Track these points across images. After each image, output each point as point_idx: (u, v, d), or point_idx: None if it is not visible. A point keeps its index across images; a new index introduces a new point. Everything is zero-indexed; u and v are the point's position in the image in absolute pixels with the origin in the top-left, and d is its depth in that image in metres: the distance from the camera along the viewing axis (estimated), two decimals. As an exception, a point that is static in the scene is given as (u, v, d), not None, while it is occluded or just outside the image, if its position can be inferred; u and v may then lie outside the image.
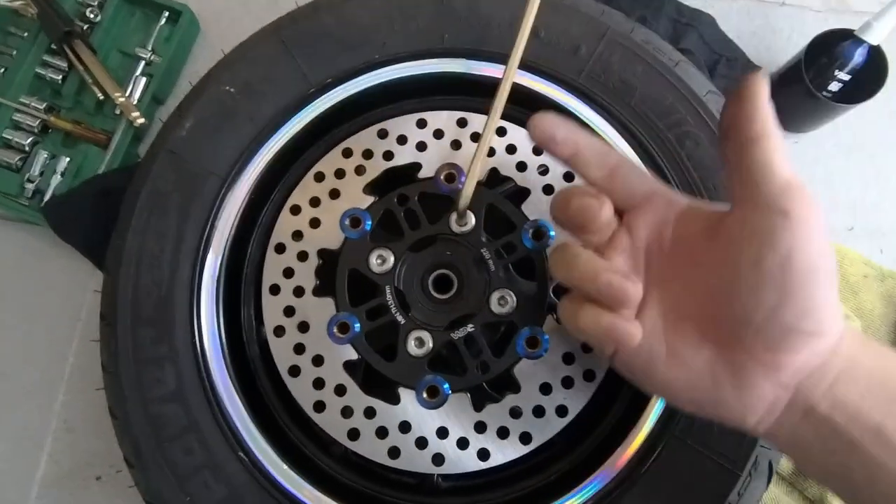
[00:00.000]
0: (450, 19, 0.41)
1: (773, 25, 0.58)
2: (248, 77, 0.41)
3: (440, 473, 0.37)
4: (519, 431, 0.36)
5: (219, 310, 0.39)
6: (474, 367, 0.37)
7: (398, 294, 0.38)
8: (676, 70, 0.40)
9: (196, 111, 0.40)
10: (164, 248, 0.38)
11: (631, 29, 0.40)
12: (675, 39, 0.55)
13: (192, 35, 0.57)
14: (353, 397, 0.37)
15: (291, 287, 0.38)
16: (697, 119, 0.39)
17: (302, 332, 0.38)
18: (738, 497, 0.35)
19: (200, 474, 0.36)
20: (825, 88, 0.50)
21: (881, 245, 0.54)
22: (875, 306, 0.52)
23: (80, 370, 0.53)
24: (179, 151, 0.40)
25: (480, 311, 0.37)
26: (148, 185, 0.39)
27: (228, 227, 0.39)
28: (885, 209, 0.55)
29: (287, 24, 0.42)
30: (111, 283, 0.38)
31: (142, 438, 0.36)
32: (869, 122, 0.56)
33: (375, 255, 0.38)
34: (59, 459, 0.51)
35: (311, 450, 0.39)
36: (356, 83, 0.41)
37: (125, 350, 0.37)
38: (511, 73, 0.34)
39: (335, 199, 0.39)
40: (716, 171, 0.39)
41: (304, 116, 0.41)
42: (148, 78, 0.54)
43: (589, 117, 0.40)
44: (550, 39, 0.41)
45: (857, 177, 0.55)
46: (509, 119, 0.40)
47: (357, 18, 0.41)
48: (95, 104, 0.54)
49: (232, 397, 0.37)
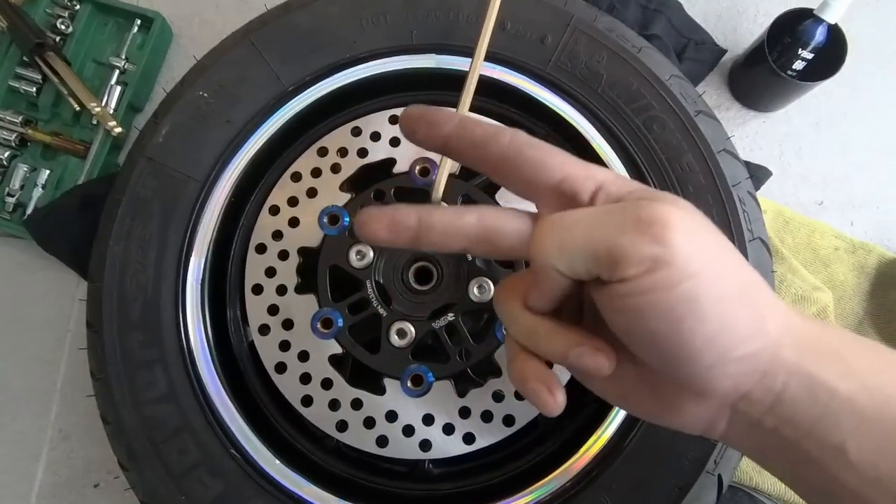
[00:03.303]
0: (418, 15, 0.42)
1: (738, 7, 0.59)
2: (222, 81, 0.41)
3: (429, 459, 0.38)
4: (502, 414, 0.37)
5: (204, 311, 0.39)
6: (456, 354, 0.38)
7: (379, 287, 0.39)
8: (640, 56, 0.41)
9: (171, 118, 0.41)
10: (148, 253, 0.39)
11: (594, 17, 0.41)
12: (644, 25, 0.56)
13: (165, 41, 0.57)
14: (339, 390, 0.38)
15: (274, 286, 0.39)
16: (662, 103, 0.40)
17: (286, 330, 0.38)
18: (714, 465, 0.36)
19: (195, 473, 0.37)
20: (790, 67, 0.51)
21: (851, 218, 0.56)
22: (847, 277, 0.53)
23: (73, 379, 0.53)
24: (157, 158, 0.40)
25: (460, 300, 0.38)
26: (128, 193, 0.40)
27: (210, 230, 0.40)
28: (855, 182, 0.56)
29: (257, 26, 0.42)
30: (95, 291, 0.38)
31: (135, 441, 0.37)
32: (835, 98, 0.57)
33: (355, 251, 0.38)
34: (57, 469, 0.52)
35: (304, 444, 0.40)
36: (328, 83, 0.41)
37: (113, 355, 0.37)
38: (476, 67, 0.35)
39: (313, 198, 0.40)
40: (683, 153, 0.40)
41: (279, 118, 0.41)
42: (123, 86, 0.54)
43: (558, 106, 0.41)
44: (517, 31, 0.41)
45: (826, 152, 0.57)
46: (480, 111, 0.41)
47: (327, 18, 0.42)
48: (73, 115, 0.54)
49: (222, 396, 0.38)
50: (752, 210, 0.39)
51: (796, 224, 0.54)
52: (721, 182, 0.39)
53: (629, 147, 0.40)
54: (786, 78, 0.50)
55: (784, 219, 0.54)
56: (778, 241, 0.53)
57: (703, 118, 0.40)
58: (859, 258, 0.54)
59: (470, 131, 0.24)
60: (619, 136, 0.40)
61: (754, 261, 0.38)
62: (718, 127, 0.41)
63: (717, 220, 0.39)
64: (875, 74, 0.58)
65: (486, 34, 0.36)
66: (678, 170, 0.39)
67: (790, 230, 0.54)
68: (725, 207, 0.39)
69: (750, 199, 0.39)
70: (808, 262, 0.53)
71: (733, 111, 0.57)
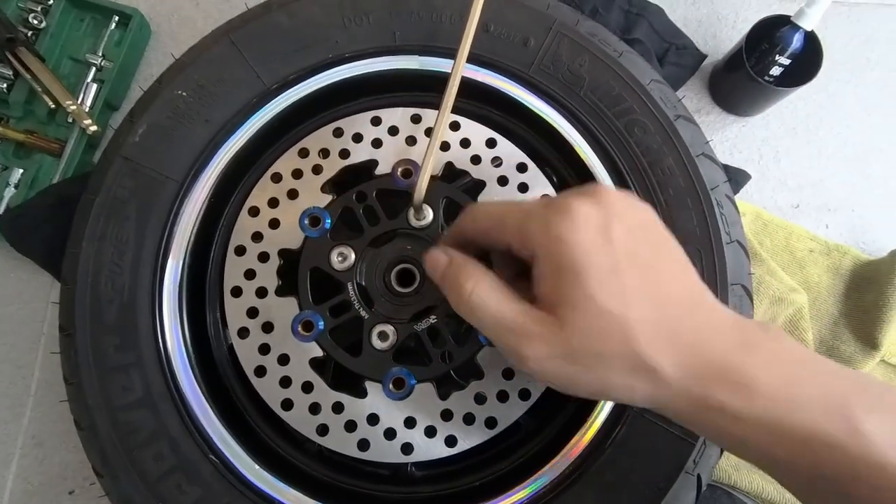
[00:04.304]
0: (401, 16, 0.42)
1: (718, 13, 0.60)
2: (201, 80, 0.40)
3: (412, 462, 0.38)
4: (484, 417, 0.37)
5: (182, 314, 0.39)
6: (438, 357, 0.38)
7: (361, 290, 0.38)
8: (621, 60, 0.41)
9: (148, 117, 0.40)
10: (124, 254, 0.38)
11: (577, 21, 0.42)
12: (626, 29, 0.56)
13: (143, 38, 0.56)
14: (320, 394, 0.37)
15: (254, 288, 0.38)
16: (643, 107, 0.40)
17: (266, 333, 0.38)
18: (693, 465, 0.36)
19: (172, 478, 0.36)
20: (767, 73, 0.52)
21: (826, 221, 0.57)
22: (822, 279, 0.54)
23: (47, 384, 0.52)
24: (133, 158, 0.39)
25: (442, 303, 0.38)
26: (102, 193, 0.39)
27: (188, 232, 0.39)
28: (829, 186, 0.58)
29: (238, 24, 0.42)
30: (68, 293, 0.37)
31: (109, 447, 0.36)
32: (811, 104, 0.58)
33: (336, 253, 0.38)
34: (28, 476, 0.50)
35: (285, 448, 0.39)
36: (310, 83, 0.41)
37: (86, 359, 0.36)
38: (458, 69, 0.35)
39: (293, 200, 0.39)
40: (663, 156, 0.41)
41: (260, 118, 0.41)
42: (100, 84, 0.53)
43: (541, 108, 0.41)
44: (500, 33, 0.41)
45: (802, 156, 0.58)
46: (463, 113, 0.41)
47: (309, 17, 0.41)
48: (47, 113, 0.52)
49: (199, 400, 0.37)
50: (730, 213, 0.40)
51: (774, 227, 0.55)
52: (700, 185, 0.39)
53: (611, 150, 0.40)
54: (763, 84, 0.51)
55: (763, 221, 0.55)
56: (757, 243, 0.54)
57: (682, 122, 0.40)
58: (834, 260, 0.55)
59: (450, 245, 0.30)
60: (601, 139, 0.41)
61: (732, 263, 0.39)
62: (697, 131, 0.41)
63: (696, 223, 0.39)
64: (849, 81, 0.59)
65: (468, 36, 0.36)
66: (659, 173, 0.40)
67: (769, 233, 0.55)
68: (704, 210, 0.39)
69: (728, 203, 0.40)
70: (785, 264, 0.54)
71: (713, 115, 0.58)
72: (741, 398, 0.22)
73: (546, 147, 0.42)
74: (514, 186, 0.40)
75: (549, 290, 0.24)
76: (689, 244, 0.39)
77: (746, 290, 0.39)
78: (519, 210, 0.25)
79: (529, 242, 0.25)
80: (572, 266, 0.23)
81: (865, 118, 0.59)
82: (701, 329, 0.23)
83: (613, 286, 0.23)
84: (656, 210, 0.39)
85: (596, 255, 0.23)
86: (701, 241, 0.39)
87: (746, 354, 0.23)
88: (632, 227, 0.24)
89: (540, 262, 0.25)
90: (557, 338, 0.24)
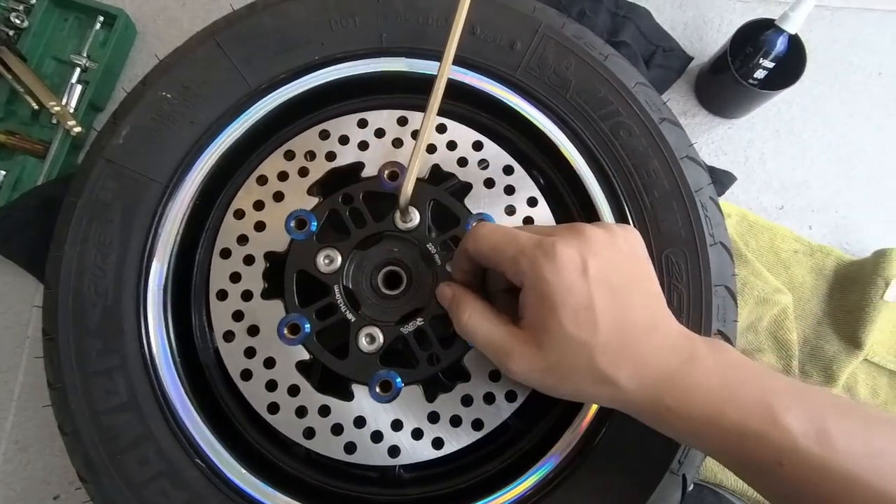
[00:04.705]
0: (388, 18, 0.42)
1: (704, 16, 0.60)
2: (186, 82, 0.40)
3: (399, 465, 0.38)
4: (471, 419, 0.37)
5: (167, 317, 0.38)
6: (425, 359, 0.38)
7: (347, 292, 0.38)
8: (607, 63, 0.41)
9: (132, 118, 0.39)
10: (108, 257, 0.38)
11: (563, 24, 0.42)
12: (613, 31, 0.57)
13: (128, 39, 0.56)
14: (306, 397, 0.37)
15: (239, 291, 0.38)
16: (628, 110, 0.41)
17: (252, 336, 0.38)
18: (679, 464, 0.37)
19: (158, 483, 0.36)
20: (751, 76, 0.52)
21: (810, 221, 0.58)
22: (805, 279, 0.55)
23: (31, 388, 0.51)
24: (117, 160, 0.39)
25: (429, 305, 0.38)
26: (85, 195, 0.38)
27: (173, 234, 0.39)
28: (813, 188, 0.58)
29: (223, 26, 0.41)
30: (51, 297, 0.37)
31: (93, 451, 0.35)
32: (795, 106, 0.59)
33: (323, 256, 0.38)
34: (11, 482, 0.50)
35: (272, 452, 0.39)
36: (296, 84, 0.41)
37: (69, 364, 0.36)
38: (445, 71, 0.35)
39: (279, 202, 0.39)
40: (649, 159, 0.41)
41: (245, 120, 0.41)
42: (84, 85, 0.52)
43: (527, 111, 0.41)
44: (486, 36, 0.42)
45: (787, 158, 0.59)
46: (450, 116, 0.41)
47: (295, 19, 0.41)
48: (31, 114, 0.52)
49: (185, 404, 0.37)
50: (714, 215, 0.40)
51: (759, 228, 0.56)
52: (684, 188, 0.40)
53: (597, 153, 0.41)
54: (747, 86, 0.51)
55: (748, 223, 0.56)
56: (742, 244, 0.54)
57: (667, 125, 0.41)
58: (817, 261, 0.56)
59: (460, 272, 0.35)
60: (587, 141, 0.41)
61: (716, 265, 0.39)
62: (682, 134, 0.41)
63: (680, 225, 0.40)
64: (832, 84, 0.60)
65: (454, 38, 0.36)
66: (644, 175, 0.40)
67: (754, 234, 0.56)
68: (689, 212, 0.39)
69: (712, 205, 0.40)
70: (770, 264, 0.54)
71: (700, 117, 0.59)
72: (685, 399, 0.28)
73: (532, 149, 0.43)
74: (501, 189, 0.40)
75: (532, 316, 0.30)
76: (673, 246, 0.39)
77: (730, 291, 0.40)
78: (515, 245, 0.30)
79: (520, 275, 0.30)
80: (552, 302, 0.29)
81: (848, 120, 0.60)
82: (655, 348, 0.29)
83: (583, 319, 0.29)
84: (642, 211, 0.40)
85: (571, 294, 0.29)
86: (685, 242, 0.39)
87: (690, 366, 0.29)
88: (608, 263, 0.30)
89: (527, 292, 0.30)
90: (537, 356, 0.30)
